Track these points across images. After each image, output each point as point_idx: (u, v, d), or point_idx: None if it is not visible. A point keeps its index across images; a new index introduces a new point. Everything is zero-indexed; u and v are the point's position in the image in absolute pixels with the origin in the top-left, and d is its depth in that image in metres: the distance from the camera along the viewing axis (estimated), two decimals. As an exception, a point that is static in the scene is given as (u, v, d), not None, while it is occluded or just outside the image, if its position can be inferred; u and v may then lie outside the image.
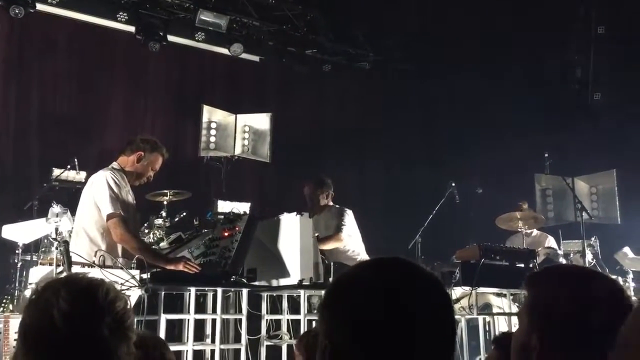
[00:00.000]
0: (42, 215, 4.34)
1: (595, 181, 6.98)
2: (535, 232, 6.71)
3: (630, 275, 6.19)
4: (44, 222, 3.91)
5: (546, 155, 6.92)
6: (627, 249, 6.45)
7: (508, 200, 6.66)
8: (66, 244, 3.51)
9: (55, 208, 3.67)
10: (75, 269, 3.54)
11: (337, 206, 5.79)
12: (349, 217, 5.61)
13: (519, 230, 6.29)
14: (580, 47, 7.88)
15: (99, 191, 4.05)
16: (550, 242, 6.64)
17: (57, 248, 3.53)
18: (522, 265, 4.95)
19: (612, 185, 6.85)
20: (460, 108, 8.86)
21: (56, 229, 3.59)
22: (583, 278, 1.41)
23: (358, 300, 1.05)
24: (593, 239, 6.27)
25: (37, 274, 3.82)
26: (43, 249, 5.20)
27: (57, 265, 3.55)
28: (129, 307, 1.44)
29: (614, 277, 5.70)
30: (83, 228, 4.06)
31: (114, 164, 4.32)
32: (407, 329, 1.01)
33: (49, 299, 1.34)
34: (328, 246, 5.19)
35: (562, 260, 5.90)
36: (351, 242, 5.59)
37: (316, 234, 4.96)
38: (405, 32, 9.00)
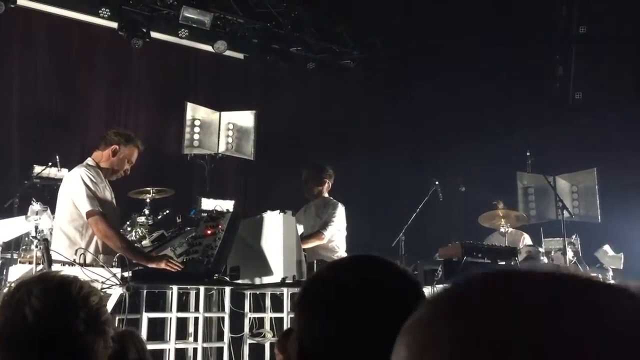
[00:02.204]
0: (22, 213, 4.28)
1: (576, 180, 7.04)
2: (510, 229, 6.72)
3: (610, 273, 6.27)
4: (24, 220, 3.87)
5: (528, 153, 7.00)
6: (607, 247, 6.51)
7: (490, 198, 6.71)
8: (46, 242, 3.47)
9: (35, 205, 3.63)
10: (56, 267, 3.50)
11: (332, 199, 5.65)
12: (340, 212, 5.53)
13: (501, 228, 6.33)
14: (562, 46, 7.94)
15: (75, 189, 4.00)
16: (526, 239, 6.69)
17: (37, 246, 3.48)
18: (504, 263, 5.00)
19: (592, 183, 6.92)
20: (443, 106, 8.89)
21: (36, 227, 3.54)
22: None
23: (328, 299, 1.03)
24: (574, 237, 6.33)
25: (17, 273, 3.77)
26: (24, 247, 5.14)
27: (37, 264, 3.52)
28: (104, 302, 1.43)
29: (594, 274, 5.77)
30: (60, 227, 4.02)
31: (89, 160, 4.26)
32: (376, 330, 0.96)
33: (21, 298, 1.33)
34: (309, 245, 5.17)
35: (544, 259, 5.96)
36: (338, 236, 5.54)
37: (301, 232, 4.94)
38: (390, 31, 9.02)
